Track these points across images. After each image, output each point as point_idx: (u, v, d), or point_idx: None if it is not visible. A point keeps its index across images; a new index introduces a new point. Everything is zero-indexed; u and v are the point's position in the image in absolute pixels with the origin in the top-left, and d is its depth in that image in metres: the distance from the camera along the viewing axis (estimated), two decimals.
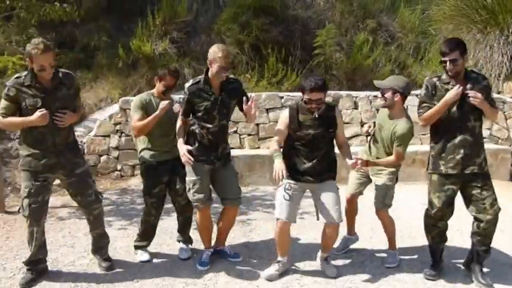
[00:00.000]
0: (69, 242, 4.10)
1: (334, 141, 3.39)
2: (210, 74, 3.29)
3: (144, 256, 3.70)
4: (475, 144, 3.15)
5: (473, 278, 3.30)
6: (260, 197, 5.67)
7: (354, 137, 6.97)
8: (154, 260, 3.72)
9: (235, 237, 4.22)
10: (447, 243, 3.53)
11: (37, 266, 3.35)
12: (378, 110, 7.08)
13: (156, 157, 3.57)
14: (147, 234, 3.77)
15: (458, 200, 3.31)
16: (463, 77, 3.15)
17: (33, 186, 3.14)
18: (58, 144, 3.17)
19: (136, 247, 3.78)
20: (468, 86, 3.10)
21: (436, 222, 3.36)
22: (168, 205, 3.88)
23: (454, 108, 3.13)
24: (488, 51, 8.17)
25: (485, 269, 3.37)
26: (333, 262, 3.56)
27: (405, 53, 8.66)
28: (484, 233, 3.22)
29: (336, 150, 3.40)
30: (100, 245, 3.58)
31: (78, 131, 6.76)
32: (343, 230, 3.70)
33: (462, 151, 3.13)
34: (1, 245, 4.07)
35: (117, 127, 6.52)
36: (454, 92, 3.06)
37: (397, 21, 9.43)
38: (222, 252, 3.74)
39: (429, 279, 3.35)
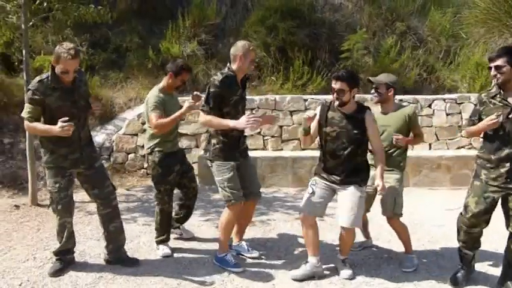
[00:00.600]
0: (95, 235, 4.27)
1: (370, 147, 3.41)
2: (236, 68, 3.37)
3: (166, 251, 3.84)
4: None
5: None
6: (281, 199, 5.73)
7: None
8: (175, 255, 3.84)
9: (255, 236, 4.30)
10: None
11: (66, 256, 3.52)
12: None
13: (167, 149, 3.79)
14: (164, 224, 3.89)
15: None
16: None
17: (62, 182, 3.30)
18: (82, 139, 3.35)
19: (158, 242, 3.91)
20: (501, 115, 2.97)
21: (468, 229, 3.25)
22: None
23: (503, 122, 3.02)
24: None
25: None
26: (352, 265, 3.58)
27: (434, 57, 8.53)
28: None
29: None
30: (117, 241, 3.60)
31: (108, 129, 7.03)
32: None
33: (508, 165, 3.03)
34: (32, 236, 4.29)
35: (145, 126, 6.70)
36: (488, 122, 2.99)
37: (427, 24, 9.30)
38: (240, 248, 3.82)
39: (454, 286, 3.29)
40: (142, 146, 6.70)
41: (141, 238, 4.20)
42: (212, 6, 8.48)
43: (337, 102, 3.26)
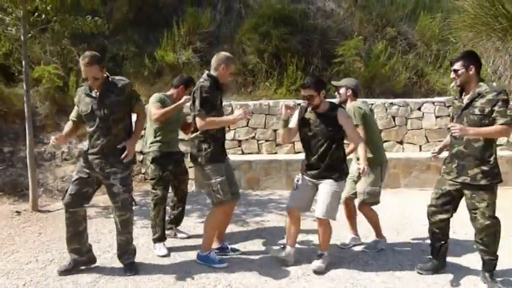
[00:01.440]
0: (95, 238, 4.42)
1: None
2: (216, 75, 3.60)
3: (162, 251, 4.01)
4: (468, 156, 3.24)
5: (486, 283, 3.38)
6: (275, 200, 5.90)
7: None
8: (172, 254, 3.99)
9: (248, 236, 4.47)
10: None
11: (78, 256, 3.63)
12: (394, 117, 7.23)
13: (163, 148, 4.08)
14: (158, 220, 4.08)
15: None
16: (473, 89, 3.23)
17: (77, 176, 3.50)
18: (103, 146, 3.42)
19: (155, 240, 4.09)
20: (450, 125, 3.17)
21: (430, 217, 3.53)
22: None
23: (455, 122, 3.27)
24: (508, 59, 8.17)
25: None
26: (341, 262, 3.77)
27: (424, 61, 8.74)
28: (481, 242, 3.32)
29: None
30: (123, 250, 3.68)
31: None
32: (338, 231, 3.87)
33: (457, 161, 3.31)
34: (34, 239, 4.44)
35: (142, 132, 6.86)
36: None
37: (417, 29, 9.52)
38: (222, 249, 3.98)
39: (420, 273, 3.55)
40: (140, 152, 6.85)
41: (139, 240, 4.35)
42: (206, 15, 8.69)
43: (310, 107, 3.63)
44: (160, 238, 4.09)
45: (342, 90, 4.05)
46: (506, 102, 3.13)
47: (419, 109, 7.27)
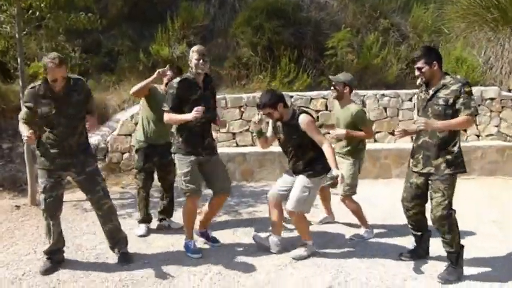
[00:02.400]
0: (91, 230, 4.57)
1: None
2: (193, 70, 3.72)
3: (140, 231, 4.42)
4: (433, 147, 3.32)
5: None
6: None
7: None
8: (165, 249, 4.12)
9: (240, 226, 4.61)
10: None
11: (55, 255, 3.71)
12: (385, 108, 7.34)
13: (149, 140, 4.31)
14: (141, 205, 4.47)
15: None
16: (438, 83, 3.32)
17: (48, 183, 3.49)
18: (73, 146, 3.50)
19: (139, 221, 4.50)
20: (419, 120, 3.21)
21: (405, 212, 3.65)
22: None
23: (420, 114, 3.41)
24: (499, 49, 8.28)
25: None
26: (327, 250, 3.94)
27: (415, 52, 8.81)
28: (439, 232, 3.42)
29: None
30: (115, 240, 3.78)
31: (103, 130, 7.30)
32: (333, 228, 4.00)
33: (422, 152, 3.39)
34: (32, 232, 4.59)
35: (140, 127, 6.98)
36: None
37: (410, 20, 9.59)
38: (204, 234, 4.15)
39: (402, 260, 3.72)
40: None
41: (134, 231, 4.48)
42: (200, 9, 8.77)
43: (283, 120, 3.77)
44: (143, 220, 4.48)
45: (339, 87, 4.14)
46: (470, 94, 3.23)
47: (410, 100, 7.35)
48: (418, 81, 3.38)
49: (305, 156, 3.75)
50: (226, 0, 9.50)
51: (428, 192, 3.42)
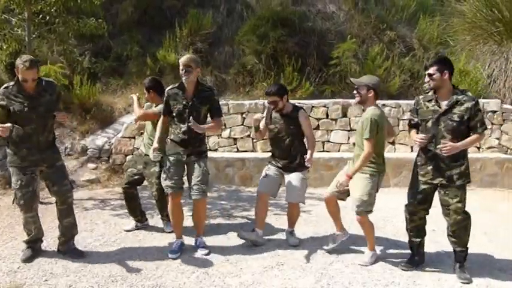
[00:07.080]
0: (89, 227, 4.74)
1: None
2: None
3: (127, 227, 4.68)
4: (446, 159, 3.43)
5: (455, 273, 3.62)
6: None
7: None
8: (155, 245, 4.26)
9: (234, 230, 4.70)
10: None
11: (36, 244, 3.97)
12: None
13: (143, 150, 4.55)
14: (129, 210, 4.66)
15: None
16: (447, 94, 3.45)
17: (24, 179, 3.69)
18: (42, 142, 3.72)
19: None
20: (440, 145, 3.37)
21: (409, 216, 3.71)
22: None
23: (430, 125, 3.49)
24: (503, 62, 8.29)
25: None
26: (314, 254, 4.02)
27: (420, 64, 8.87)
28: (453, 235, 3.57)
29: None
30: (70, 235, 3.97)
31: (108, 132, 7.50)
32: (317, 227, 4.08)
33: (434, 163, 3.50)
34: None
35: (141, 130, 7.16)
36: (417, 138, 3.49)
37: (416, 32, 9.65)
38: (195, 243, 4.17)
39: (404, 270, 3.72)
40: (138, 148, 7.14)
41: (132, 231, 4.64)
42: (208, 16, 8.95)
43: (284, 111, 4.19)
44: (138, 221, 4.70)
45: (363, 91, 3.69)
46: (480, 111, 3.47)
47: (411, 111, 7.40)
48: (426, 85, 3.53)
49: (296, 149, 4.14)
50: (234, 8, 9.67)
51: (440, 199, 3.55)
